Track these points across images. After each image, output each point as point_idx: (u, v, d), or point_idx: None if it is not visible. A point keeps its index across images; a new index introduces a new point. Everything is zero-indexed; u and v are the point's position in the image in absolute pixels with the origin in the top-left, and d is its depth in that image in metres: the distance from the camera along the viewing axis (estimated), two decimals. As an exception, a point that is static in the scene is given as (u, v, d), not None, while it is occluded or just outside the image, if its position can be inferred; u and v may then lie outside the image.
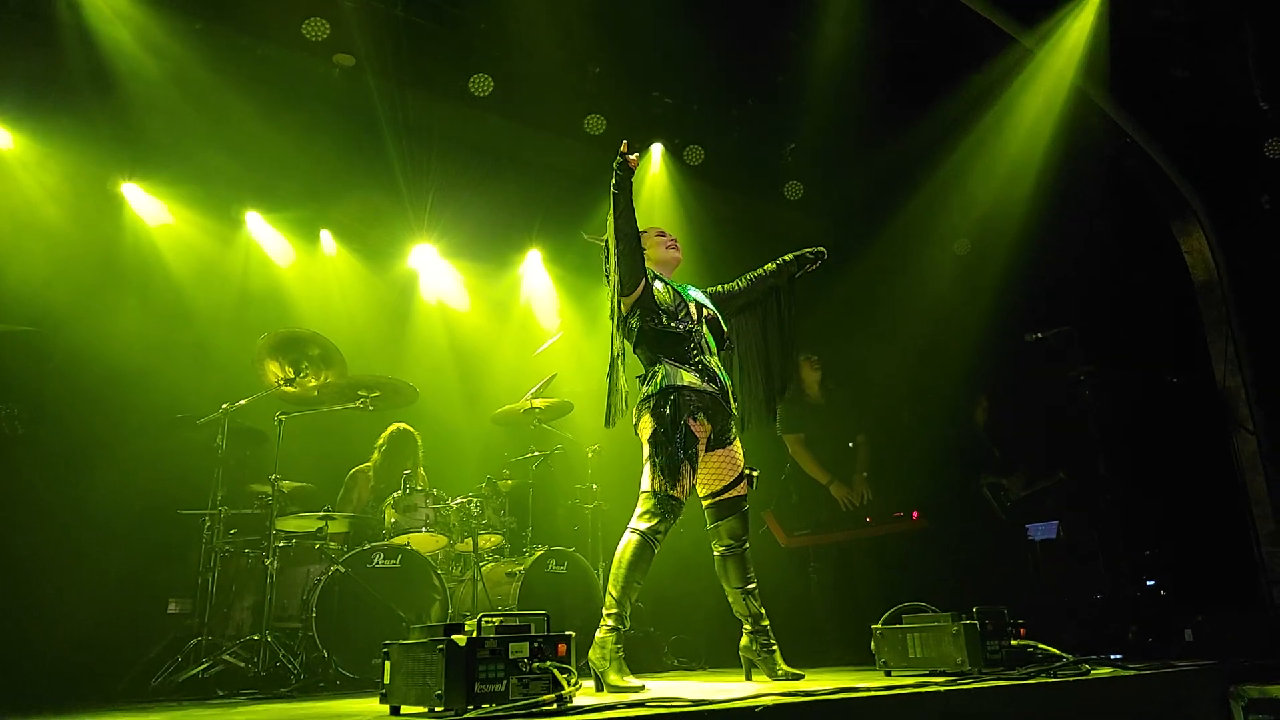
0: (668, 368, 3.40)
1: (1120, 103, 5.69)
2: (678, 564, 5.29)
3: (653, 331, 3.44)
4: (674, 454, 3.27)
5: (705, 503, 3.56)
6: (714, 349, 3.56)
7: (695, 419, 3.35)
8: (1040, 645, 3.09)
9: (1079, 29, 5.27)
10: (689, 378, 3.38)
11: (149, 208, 5.75)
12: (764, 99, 6.31)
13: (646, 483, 3.33)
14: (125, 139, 5.32)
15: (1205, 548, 5.50)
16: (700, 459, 3.42)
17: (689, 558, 5.34)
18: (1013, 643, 3.10)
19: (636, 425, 3.44)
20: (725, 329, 3.64)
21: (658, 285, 3.53)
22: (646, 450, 3.37)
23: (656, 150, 6.51)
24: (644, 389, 3.44)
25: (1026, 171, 5.90)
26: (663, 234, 3.80)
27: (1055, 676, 2.80)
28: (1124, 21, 5.23)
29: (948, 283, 6.67)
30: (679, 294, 3.56)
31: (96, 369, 5.06)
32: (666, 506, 3.28)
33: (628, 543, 3.28)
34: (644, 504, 3.31)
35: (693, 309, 3.54)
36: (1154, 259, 6.10)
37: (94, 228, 5.44)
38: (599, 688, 3.15)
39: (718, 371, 3.50)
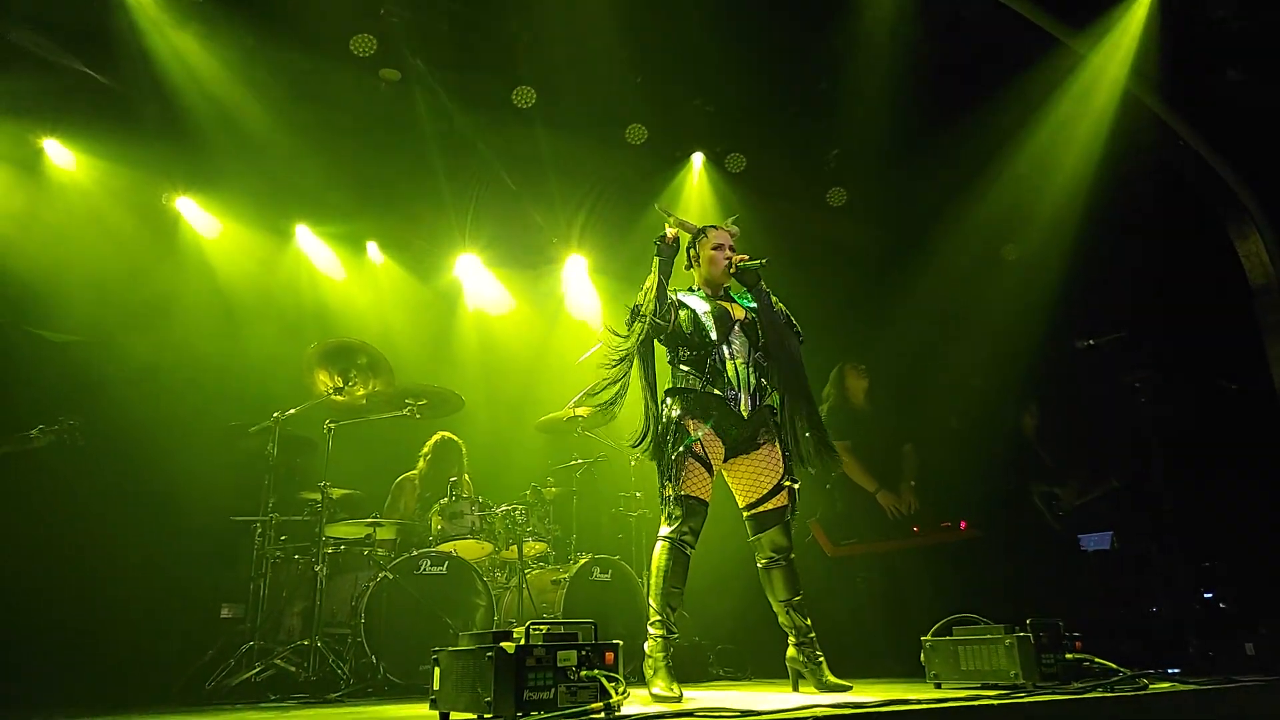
0: (676, 373, 3.50)
1: (1173, 106, 5.57)
2: (723, 573, 5.27)
3: (673, 355, 3.56)
4: (667, 453, 3.34)
5: (745, 514, 3.53)
6: (745, 356, 3.49)
7: (693, 418, 3.38)
8: (1096, 659, 3.02)
9: (1130, 31, 5.16)
10: (693, 382, 3.44)
11: (202, 221, 5.91)
12: (806, 105, 6.27)
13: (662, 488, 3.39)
14: (180, 154, 5.47)
15: (1267, 558, 5.33)
16: (719, 463, 3.42)
17: (734, 567, 5.31)
18: (1068, 656, 3.03)
19: None
20: (764, 336, 3.56)
21: (680, 313, 3.52)
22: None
23: (697, 159, 6.51)
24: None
25: (1078, 176, 5.79)
26: (721, 246, 3.65)
27: (1112, 691, 2.73)
28: (1176, 24, 5.11)
29: (997, 289, 6.57)
30: (698, 320, 3.50)
31: (152, 379, 5.20)
32: (683, 507, 3.30)
33: (658, 550, 3.33)
34: (664, 509, 3.37)
35: (713, 330, 3.48)
36: (1209, 263, 5.95)
37: (150, 241, 5.61)
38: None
39: (733, 377, 3.44)
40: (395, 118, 5.79)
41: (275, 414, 4.85)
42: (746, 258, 3.57)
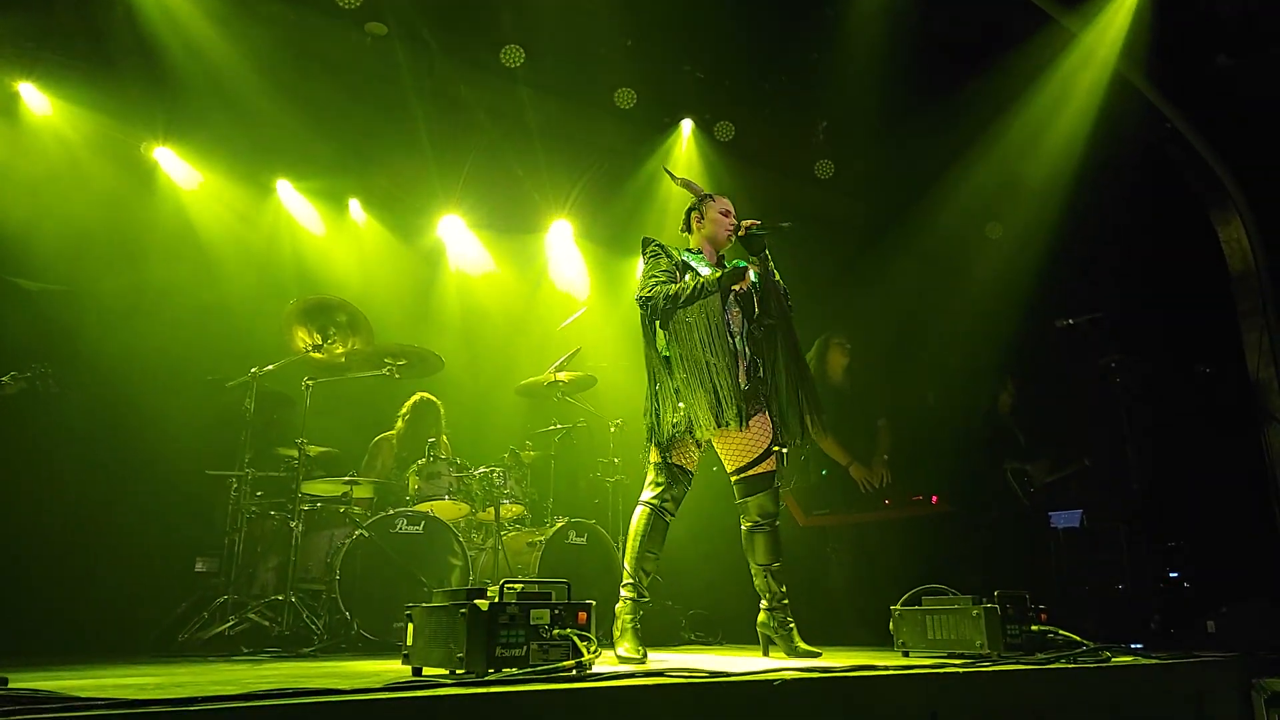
0: (675, 341, 3.43)
1: (1162, 89, 5.57)
2: (697, 539, 5.31)
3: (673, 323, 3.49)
4: (655, 422, 3.35)
5: (733, 479, 3.53)
6: (740, 326, 3.50)
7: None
8: (1061, 631, 3.08)
9: (1123, 11, 5.15)
10: (695, 352, 3.39)
11: (181, 172, 5.81)
12: (797, 75, 6.22)
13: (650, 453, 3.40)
14: (159, 103, 5.37)
15: (1232, 540, 5.43)
16: (709, 436, 3.41)
17: (709, 533, 5.37)
18: (1033, 628, 3.08)
19: None
20: (765, 306, 3.56)
21: (688, 278, 3.49)
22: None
23: (686, 126, 6.47)
24: None
25: (1064, 155, 5.79)
26: (727, 212, 3.68)
27: (1075, 663, 2.78)
28: (1170, 6, 5.10)
29: (979, 266, 6.59)
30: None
31: (128, 330, 5.14)
32: (668, 475, 3.33)
33: (638, 514, 3.37)
34: (649, 474, 3.40)
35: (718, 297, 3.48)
36: (1191, 248, 5.98)
37: (127, 190, 5.51)
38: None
39: (730, 350, 3.43)
40: (381, 73, 5.70)
41: (253, 369, 4.82)
42: (757, 223, 3.54)
